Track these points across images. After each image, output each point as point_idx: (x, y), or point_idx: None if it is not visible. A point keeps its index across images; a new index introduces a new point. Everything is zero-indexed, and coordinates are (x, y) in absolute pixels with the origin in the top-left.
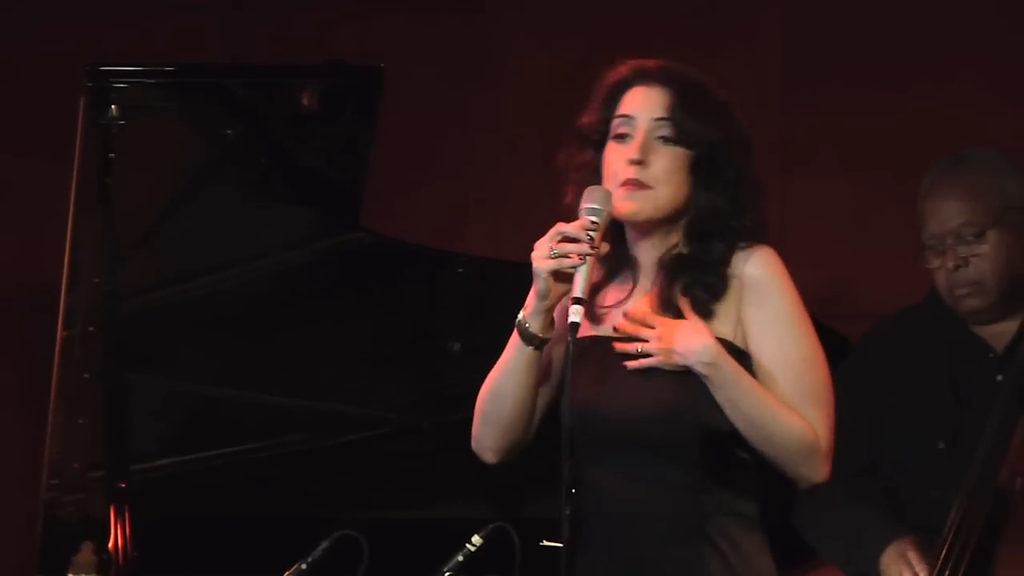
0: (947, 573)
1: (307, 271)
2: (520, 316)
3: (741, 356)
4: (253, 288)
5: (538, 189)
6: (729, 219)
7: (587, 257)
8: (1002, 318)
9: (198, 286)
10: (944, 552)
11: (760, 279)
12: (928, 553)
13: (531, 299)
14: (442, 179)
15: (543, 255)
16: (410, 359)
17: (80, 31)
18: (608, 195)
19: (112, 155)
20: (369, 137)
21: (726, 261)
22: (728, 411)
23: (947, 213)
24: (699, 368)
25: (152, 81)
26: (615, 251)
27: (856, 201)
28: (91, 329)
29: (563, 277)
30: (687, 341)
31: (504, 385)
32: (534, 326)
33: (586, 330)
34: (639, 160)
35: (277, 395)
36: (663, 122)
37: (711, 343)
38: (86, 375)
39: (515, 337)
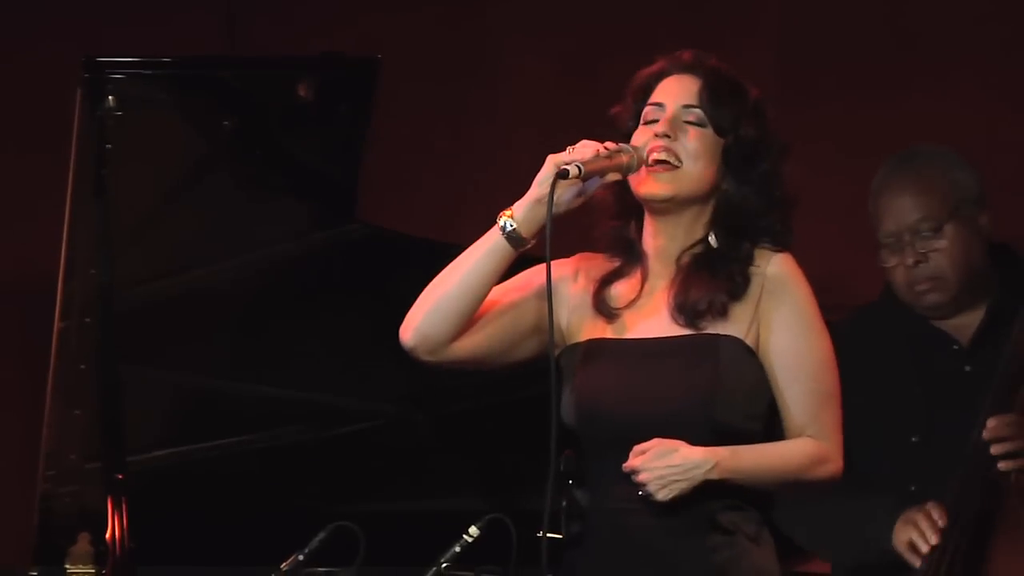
0: (944, 563)
1: (303, 263)
2: (505, 214)
3: (749, 355)
4: (249, 280)
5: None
6: (759, 217)
7: (601, 155)
8: (962, 311)
9: (194, 277)
10: (941, 542)
11: (782, 281)
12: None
13: (526, 197)
14: (438, 171)
15: (558, 154)
16: (406, 351)
17: (79, 25)
18: (640, 149)
19: (108, 146)
20: (365, 129)
21: (750, 259)
22: (749, 483)
23: (903, 209)
24: (713, 478)
25: (149, 72)
26: (626, 244)
27: (851, 196)
28: (87, 320)
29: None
30: (686, 469)
31: (465, 273)
32: (521, 223)
33: (597, 331)
34: (665, 133)
35: (273, 387)
36: (692, 108)
37: (702, 457)
38: (82, 366)
39: (491, 232)
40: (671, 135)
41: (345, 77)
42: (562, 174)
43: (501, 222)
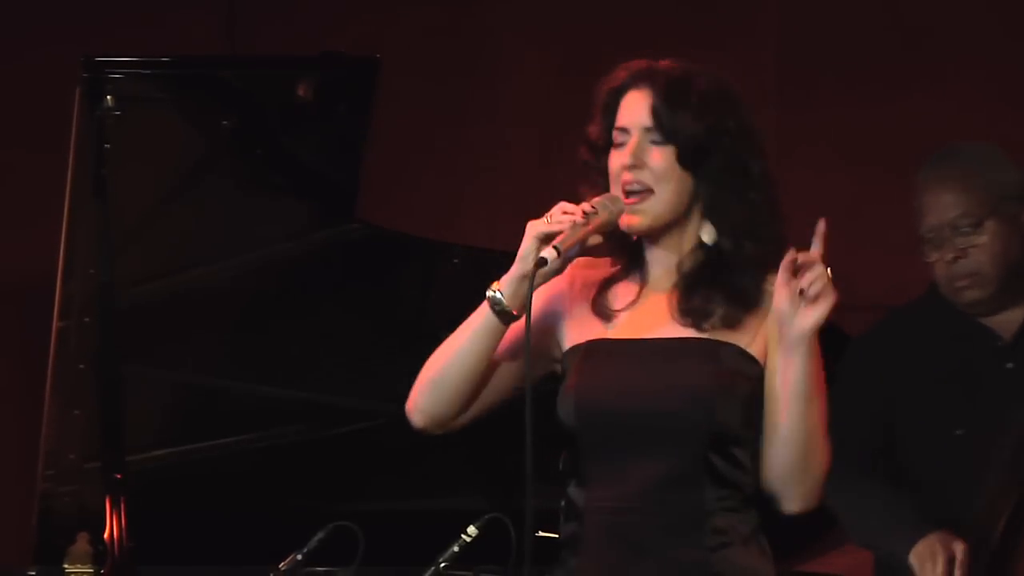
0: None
1: (302, 262)
2: (493, 287)
3: (750, 364)
4: (249, 279)
5: (532, 180)
6: (746, 213)
7: (578, 225)
8: (1003, 308)
9: (194, 277)
10: (973, 543)
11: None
12: (955, 548)
13: (512, 270)
14: (437, 170)
15: (537, 221)
16: (406, 350)
17: (78, 25)
18: (617, 200)
19: (108, 146)
20: (365, 128)
21: (763, 268)
22: (789, 398)
23: (944, 205)
24: (809, 334)
25: (148, 72)
26: (628, 252)
27: (851, 196)
28: (87, 320)
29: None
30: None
31: (462, 353)
32: (508, 297)
33: (597, 332)
34: (632, 164)
35: (273, 386)
36: (651, 130)
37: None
38: (82, 366)
39: (483, 307)
40: (637, 164)
41: (345, 77)
42: (540, 263)
43: (490, 294)
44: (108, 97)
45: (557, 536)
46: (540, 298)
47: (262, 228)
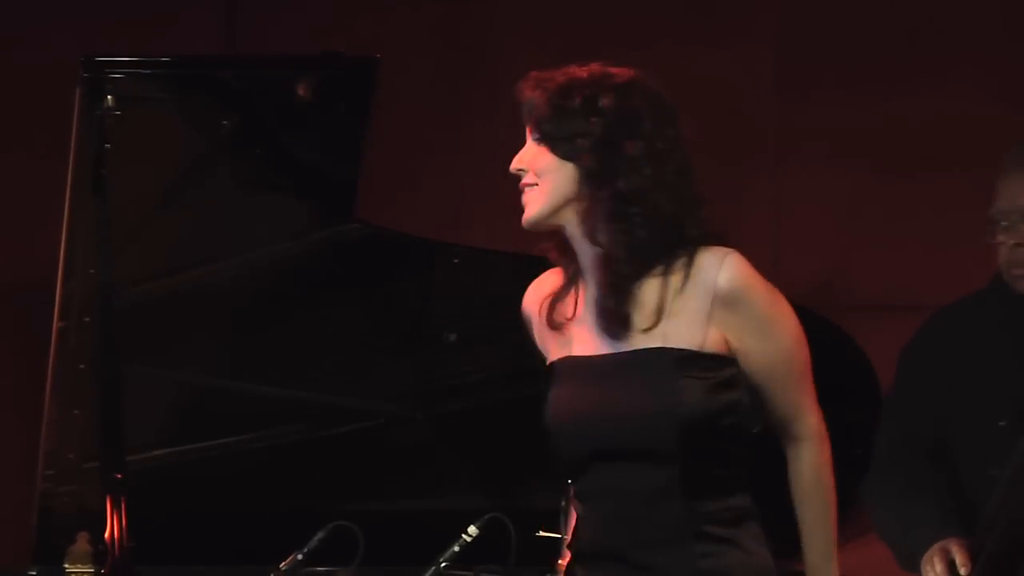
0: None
1: (302, 262)
2: None
3: (710, 360)
4: (248, 279)
5: None
6: (618, 200)
7: None
8: None
9: (194, 277)
10: (985, 542)
11: (735, 287)
12: (952, 550)
13: None
14: (437, 170)
15: None
16: (406, 350)
17: (78, 25)
18: None
19: (108, 146)
20: (364, 128)
21: (639, 257)
22: None
23: (1018, 190)
24: None
25: (148, 72)
26: (568, 251)
27: (850, 193)
28: (87, 320)
29: None
30: None
31: None
32: None
33: (559, 349)
34: (518, 168)
35: (272, 386)
36: (532, 134)
37: None
38: (82, 366)
39: None
40: (521, 164)
41: (345, 77)
42: None
43: None
44: (108, 97)
45: (558, 536)
46: (530, 334)
47: (262, 228)
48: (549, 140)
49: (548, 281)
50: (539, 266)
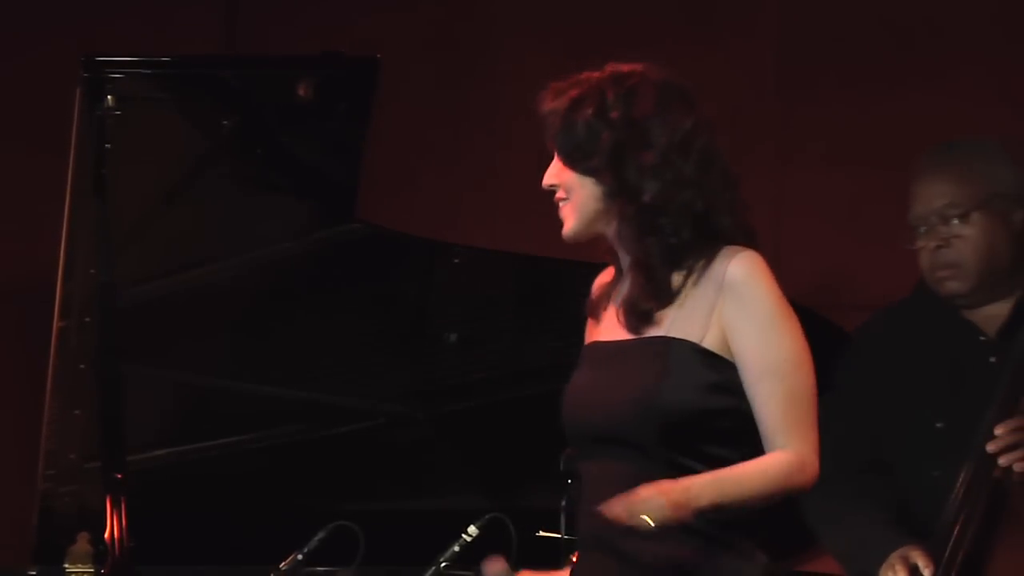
0: (945, 562)
1: (303, 262)
2: None
3: (708, 357)
4: (249, 279)
5: (533, 181)
6: (645, 214)
7: None
8: (987, 302)
9: (194, 277)
10: (946, 541)
11: (740, 283)
12: (913, 558)
13: None
14: (438, 170)
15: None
16: (406, 350)
17: (78, 24)
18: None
19: (108, 146)
20: (365, 128)
21: (699, 258)
22: (720, 512)
23: (933, 194)
24: (674, 517)
25: (148, 72)
26: (617, 259)
27: (851, 193)
28: (87, 320)
29: None
30: (649, 512)
31: None
32: None
33: (588, 338)
34: (551, 185)
35: (273, 386)
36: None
37: (657, 498)
38: (82, 366)
39: None
40: (551, 180)
41: (345, 77)
42: None
43: None
44: (109, 97)
45: (558, 536)
46: None
47: (262, 227)
48: (567, 157)
49: (607, 274)
50: (539, 266)
